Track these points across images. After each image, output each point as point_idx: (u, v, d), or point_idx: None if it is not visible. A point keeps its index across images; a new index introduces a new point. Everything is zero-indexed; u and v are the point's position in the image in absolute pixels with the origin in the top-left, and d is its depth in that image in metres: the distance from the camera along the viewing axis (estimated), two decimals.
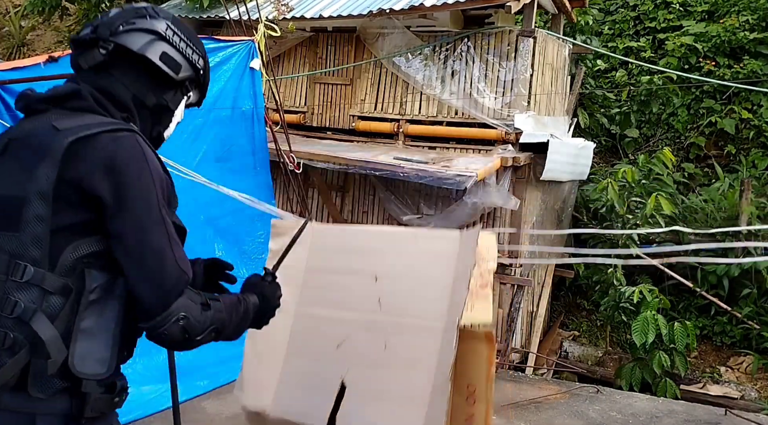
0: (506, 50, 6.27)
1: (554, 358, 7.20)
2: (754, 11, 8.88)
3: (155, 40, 1.56)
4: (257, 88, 4.93)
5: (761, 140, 8.46)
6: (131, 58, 1.54)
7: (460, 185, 5.52)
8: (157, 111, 1.63)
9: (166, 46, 1.58)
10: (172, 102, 1.66)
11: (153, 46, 1.55)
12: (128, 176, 1.39)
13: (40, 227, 1.37)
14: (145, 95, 1.58)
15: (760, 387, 6.73)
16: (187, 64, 1.64)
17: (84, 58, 1.54)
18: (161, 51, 1.56)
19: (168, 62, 1.58)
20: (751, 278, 7.07)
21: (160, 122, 1.66)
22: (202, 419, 4.03)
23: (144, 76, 1.57)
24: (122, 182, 1.38)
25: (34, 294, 1.36)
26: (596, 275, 7.33)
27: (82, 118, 1.44)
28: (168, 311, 1.39)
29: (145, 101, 1.58)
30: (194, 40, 1.67)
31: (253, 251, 5.00)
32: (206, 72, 1.75)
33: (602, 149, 9.07)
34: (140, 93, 1.57)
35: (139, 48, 1.53)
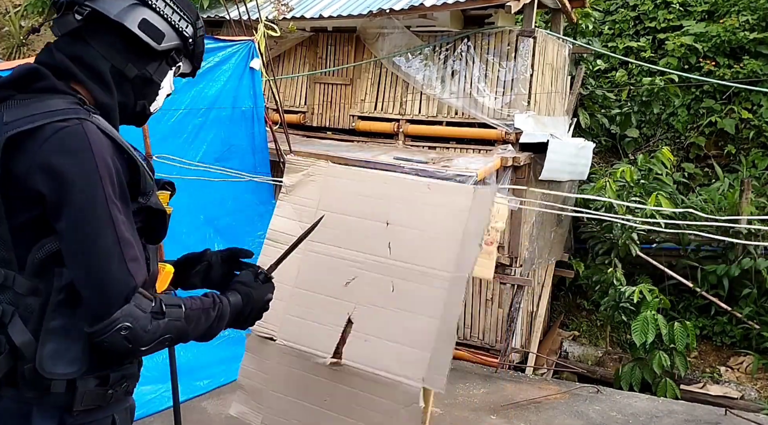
0: (506, 50, 6.27)
1: (554, 358, 7.20)
2: (754, 11, 8.87)
3: (135, 5, 1.41)
4: (257, 88, 4.94)
5: (761, 140, 8.46)
6: (109, 25, 1.40)
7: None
8: (139, 83, 1.48)
9: (148, 12, 1.43)
10: (157, 74, 1.50)
11: (132, 12, 1.40)
12: (68, 171, 1.27)
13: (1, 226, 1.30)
14: (124, 66, 1.44)
15: (760, 387, 6.73)
16: (172, 33, 1.47)
17: (60, 24, 1.40)
18: (141, 18, 1.41)
19: (149, 31, 1.42)
20: (751, 278, 7.07)
21: (143, 95, 1.51)
22: (202, 419, 4.02)
23: (123, 45, 1.43)
24: (62, 178, 1.27)
25: (9, 296, 1.32)
26: (596, 275, 7.33)
27: (36, 105, 1.32)
28: (110, 319, 1.28)
29: (125, 73, 1.45)
30: (183, 4, 1.50)
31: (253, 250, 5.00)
32: (197, 40, 1.56)
33: (602, 149, 9.07)
34: (119, 64, 1.43)
35: (116, 14, 1.39)
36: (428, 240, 2.30)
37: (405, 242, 2.34)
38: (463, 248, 2.22)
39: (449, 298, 2.19)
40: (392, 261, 2.34)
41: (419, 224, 2.34)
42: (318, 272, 2.45)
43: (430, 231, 2.31)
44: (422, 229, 2.33)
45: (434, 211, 2.33)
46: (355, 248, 2.41)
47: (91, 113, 1.35)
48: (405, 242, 2.34)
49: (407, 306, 2.27)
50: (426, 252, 2.30)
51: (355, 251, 2.41)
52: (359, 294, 2.36)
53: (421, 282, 2.27)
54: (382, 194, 2.44)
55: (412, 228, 2.35)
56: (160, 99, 1.56)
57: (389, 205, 2.40)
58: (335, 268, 2.42)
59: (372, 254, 2.38)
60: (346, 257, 2.42)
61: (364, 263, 2.38)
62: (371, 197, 2.45)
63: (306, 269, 2.46)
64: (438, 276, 2.25)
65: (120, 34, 1.41)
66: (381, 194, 2.44)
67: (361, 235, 2.41)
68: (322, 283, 2.44)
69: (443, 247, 2.27)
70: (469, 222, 2.24)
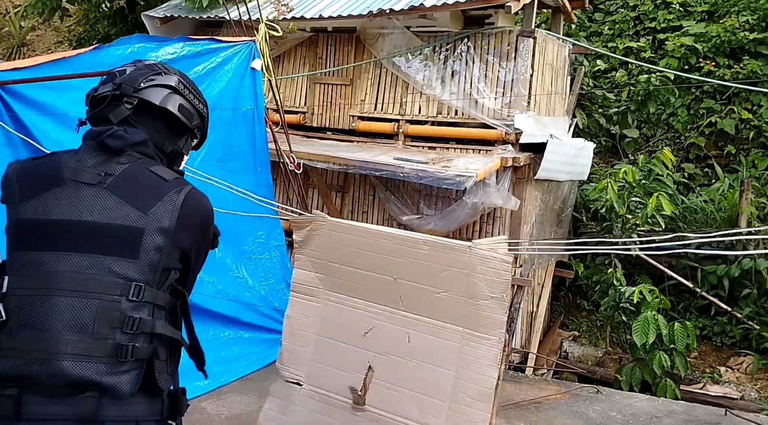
0: (506, 50, 6.27)
1: (554, 358, 7.20)
2: (754, 11, 8.87)
3: (171, 94, 1.77)
4: (258, 89, 4.93)
5: (761, 140, 8.46)
6: (153, 111, 1.74)
7: (460, 185, 5.52)
8: (173, 157, 1.83)
9: (181, 99, 1.79)
10: (185, 148, 1.88)
11: (171, 99, 1.77)
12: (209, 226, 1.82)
13: (158, 256, 1.59)
14: (164, 143, 1.78)
15: (760, 387, 6.74)
16: (196, 113, 1.86)
17: (113, 113, 1.70)
18: (179, 103, 1.78)
19: (184, 113, 1.80)
20: (751, 278, 7.07)
21: (174, 165, 1.85)
22: (202, 419, 4.03)
23: (163, 126, 1.78)
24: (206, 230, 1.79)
25: (148, 310, 1.57)
26: (596, 275, 7.34)
27: (159, 167, 1.70)
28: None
29: (164, 149, 1.79)
30: (197, 90, 1.90)
31: (253, 251, 5.00)
32: (207, 118, 1.96)
33: (602, 150, 9.07)
34: (160, 141, 1.77)
35: (160, 101, 1.74)
36: (434, 296, 2.43)
37: (414, 297, 2.47)
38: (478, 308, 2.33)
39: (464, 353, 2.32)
40: (405, 313, 2.47)
41: (424, 280, 2.46)
42: (338, 321, 2.59)
43: (434, 287, 2.43)
44: (427, 285, 2.45)
45: (434, 268, 2.44)
46: (369, 299, 2.54)
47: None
48: (414, 297, 2.47)
49: (423, 357, 2.40)
50: (434, 307, 2.42)
51: (371, 303, 2.54)
52: (378, 344, 2.49)
53: (435, 335, 2.40)
54: (382, 249, 2.55)
55: (418, 283, 2.47)
56: (182, 166, 1.92)
57: (391, 260, 2.52)
58: (354, 318, 2.56)
59: (386, 306, 2.51)
60: (362, 308, 2.55)
61: (379, 314, 2.51)
62: (373, 252, 2.56)
63: (328, 317, 2.60)
64: (449, 330, 2.37)
65: (163, 117, 1.77)
66: (381, 248, 2.55)
67: (373, 287, 2.53)
68: (343, 332, 2.58)
69: (450, 303, 2.39)
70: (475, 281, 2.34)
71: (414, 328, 2.42)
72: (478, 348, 2.29)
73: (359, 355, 2.50)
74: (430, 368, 2.36)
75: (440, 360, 2.34)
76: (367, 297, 2.53)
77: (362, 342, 2.50)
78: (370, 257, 2.54)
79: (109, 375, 1.48)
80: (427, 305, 2.42)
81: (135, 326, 1.52)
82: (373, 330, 2.49)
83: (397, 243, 2.52)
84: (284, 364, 2.71)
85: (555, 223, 7.45)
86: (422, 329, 2.41)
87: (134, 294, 1.54)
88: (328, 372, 2.56)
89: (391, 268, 2.49)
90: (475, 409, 2.24)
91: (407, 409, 2.35)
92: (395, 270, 2.48)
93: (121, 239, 1.56)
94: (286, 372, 2.68)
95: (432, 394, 2.32)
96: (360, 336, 2.51)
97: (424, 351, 2.38)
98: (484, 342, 2.28)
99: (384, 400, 2.40)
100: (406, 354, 2.42)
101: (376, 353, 2.46)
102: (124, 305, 1.52)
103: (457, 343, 2.32)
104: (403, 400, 2.37)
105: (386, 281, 2.49)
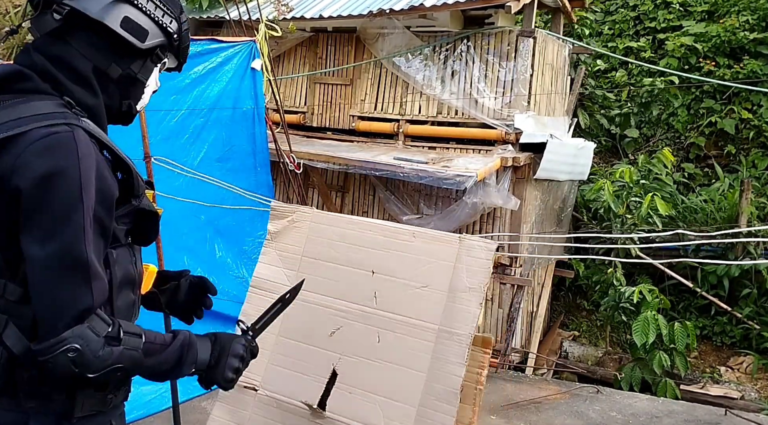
0: (506, 50, 6.27)
1: (554, 358, 7.20)
2: (754, 11, 8.88)
3: (117, 2, 1.35)
4: (258, 89, 4.93)
5: (761, 140, 8.47)
6: (90, 24, 1.33)
7: (460, 185, 5.52)
8: (124, 83, 1.42)
9: (130, 10, 1.36)
10: (142, 72, 1.44)
11: (114, 9, 1.34)
12: (51, 177, 1.21)
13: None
14: (108, 66, 1.38)
15: (760, 387, 6.74)
16: (156, 29, 1.41)
17: (38, 23, 1.34)
18: (123, 16, 1.35)
19: (131, 29, 1.36)
20: (751, 278, 7.07)
21: (128, 95, 1.45)
22: (202, 419, 4.02)
23: (105, 44, 1.36)
24: (44, 184, 1.21)
25: (1, 305, 1.26)
26: (596, 275, 7.34)
27: (22, 107, 1.26)
28: (58, 338, 1.19)
29: (108, 73, 1.38)
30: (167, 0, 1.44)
31: (253, 251, 5.00)
32: (182, 35, 1.48)
33: (602, 150, 9.08)
34: (102, 64, 1.37)
35: (96, 13, 1.32)
36: (414, 291, 2.26)
37: (390, 292, 2.29)
38: (455, 302, 2.18)
39: (438, 351, 2.16)
40: (378, 311, 2.29)
41: (405, 273, 2.29)
42: (303, 321, 2.39)
43: (415, 281, 2.26)
44: (408, 279, 2.28)
45: (420, 260, 2.29)
46: (340, 297, 2.36)
47: (79, 116, 1.30)
48: (390, 292, 2.29)
49: (393, 359, 2.22)
50: (411, 303, 2.25)
51: (341, 301, 2.35)
52: (344, 345, 2.30)
53: (407, 334, 2.22)
54: (366, 241, 2.39)
55: (397, 278, 2.30)
56: (146, 97, 1.51)
57: (374, 253, 2.35)
58: (320, 317, 2.36)
59: (357, 304, 2.33)
60: (331, 307, 2.37)
61: (349, 313, 2.33)
62: (356, 245, 2.39)
63: (291, 317, 2.33)
64: (424, 328, 2.20)
65: (102, 33, 1.35)
66: (366, 240, 2.39)
67: (347, 284, 2.36)
68: (307, 332, 2.38)
69: (429, 298, 2.22)
70: (459, 273, 2.20)
71: (386, 327, 2.26)
72: (450, 346, 2.14)
73: (323, 357, 2.31)
74: (399, 370, 2.20)
75: (411, 362, 2.18)
76: (338, 295, 2.37)
77: (327, 343, 2.33)
78: (351, 250, 2.39)
79: None
80: (404, 301, 2.26)
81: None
82: (340, 329, 2.32)
83: (384, 235, 2.38)
84: None
85: (555, 223, 7.45)
86: (395, 327, 2.25)
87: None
88: (288, 375, 2.37)
89: (371, 261, 2.34)
90: (440, 412, 2.09)
91: (372, 416, 2.19)
92: (375, 264, 2.33)
93: None
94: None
95: (399, 399, 2.17)
96: (326, 336, 2.33)
97: (395, 352, 2.22)
98: (455, 338, 2.14)
99: (347, 406, 2.23)
100: (374, 355, 2.25)
101: (342, 354, 2.29)
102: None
103: (430, 342, 2.17)
104: (367, 406, 2.21)
105: (362, 275, 2.34)
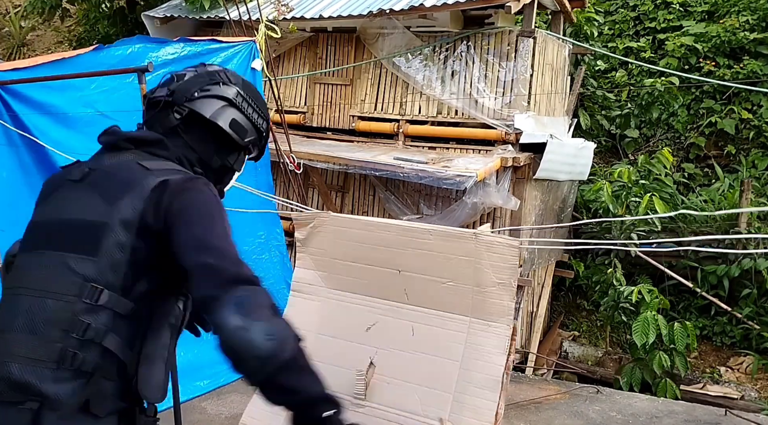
0: (506, 50, 6.27)
1: (554, 358, 7.20)
2: (754, 11, 8.87)
3: (226, 107, 1.62)
4: (258, 89, 4.93)
5: (761, 140, 8.46)
6: (203, 123, 1.60)
7: (460, 185, 5.52)
8: (220, 172, 1.68)
9: (236, 113, 1.63)
10: (236, 164, 1.71)
11: (224, 112, 1.61)
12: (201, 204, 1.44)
13: (120, 254, 1.40)
14: (211, 158, 1.64)
15: (760, 387, 6.74)
16: (252, 129, 1.68)
17: (161, 121, 1.59)
18: (231, 118, 1.62)
19: (236, 129, 1.63)
20: (751, 278, 7.07)
21: (222, 181, 1.71)
22: (202, 419, 4.03)
23: (212, 140, 1.63)
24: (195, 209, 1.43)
25: (105, 317, 1.38)
26: (596, 275, 7.33)
27: (165, 163, 1.51)
28: (254, 282, 1.42)
29: (210, 163, 1.64)
30: (260, 103, 1.72)
31: (253, 251, 5.00)
32: (268, 132, 1.77)
33: (602, 150, 9.08)
34: (206, 156, 1.63)
35: (211, 115, 1.59)
36: (441, 286, 2.39)
37: (420, 288, 2.42)
38: (485, 296, 2.30)
39: (471, 342, 2.28)
40: (410, 306, 2.43)
41: (430, 270, 2.42)
42: (339, 318, 2.54)
43: (441, 277, 2.39)
44: (433, 275, 2.41)
45: (441, 257, 2.40)
46: (372, 295, 2.50)
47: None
48: (420, 288, 2.42)
49: (427, 349, 2.36)
50: (441, 298, 2.38)
51: (374, 298, 2.50)
52: (380, 339, 2.45)
53: (440, 326, 2.36)
54: (387, 241, 2.51)
55: (423, 275, 2.43)
56: (232, 182, 1.77)
57: (397, 252, 2.47)
58: (355, 314, 2.51)
59: (390, 300, 2.47)
60: (364, 304, 2.51)
61: (383, 309, 2.47)
62: (378, 245, 2.52)
63: (326, 316, 2.55)
64: (456, 320, 2.33)
65: (212, 131, 1.61)
66: (386, 240, 2.51)
67: (376, 282, 2.49)
68: (344, 329, 2.52)
69: (456, 292, 2.35)
70: (482, 268, 2.32)
71: (419, 321, 2.39)
72: (486, 337, 2.25)
73: (360, 351, 2.45)
74: (434, 359, 2.33)
75: (445, 351, 2.31)
76: (370, 293, 2.50)
77: (364, 338, 2.46)
78: (374, 251, 2.50)
79: (51, 383, 1.33)
80: (433, 296, 2.38)
81: (83, 331, 1.35)
82: (375, 325, 2.46)
83: (401, 235, 2.48)
84: None
85: (555, 223, 7.45)
86: (427, 321, 2.37)
87: (89, 296, 1.36)
88: (327, 369, 2.50)
89: (395, 260, 2.46)
90: (482, 398, 2.20)
91: (410, 403, 2.31)
92: (400, 262, 2.45)
93: (83, 235, 1.42)
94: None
95: (436, 386, 2.28)
96: (362, 332, 2.47)
97: (429, 343, 2.35)
98: (492, 329, 2.25)
99: (386, 395, 2.36)
100: (409, 347, 2.38)
101: (378, 348, 2.43)
102: (77, 307, 1.36)
103: (463, 333, 2.29)
104: (405, 394, 2.33)
105: (391, 274, 2.46)
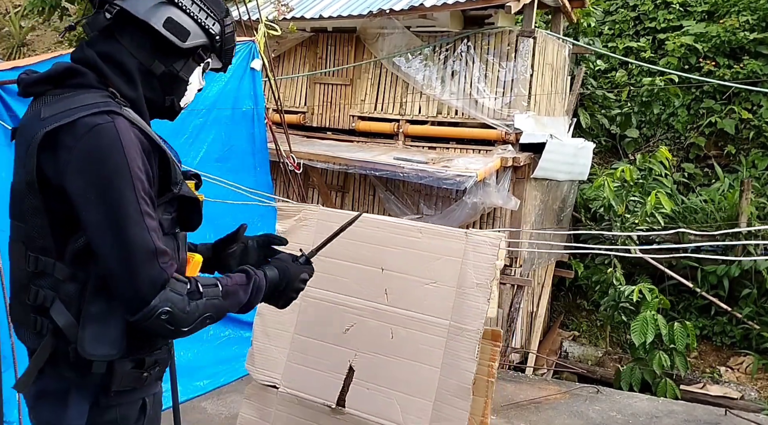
0: (506, 50, 6.27)
1: (554, 358, 7.21)
2: (754, 11, 8.88)
3: (162, 4, 1.44)
4: (257, 89, 4.93)
5: (761, 140, 8.47)
6: (136, 23, 1.43)
7: (460, 185, 5.52)
8: (167, 80, 1.51)
9: (175, 11, 1.46)
10: (184, 71, 1.53)
11: (158, 10, 1.44)
12: (98, 171, 1.31)
13: (38, 217, 1.37)
14: (151, 64, 1.47)
15: (760, 387, 6.74)
16: (198, 30, 1.49)
17: (92, 22, 1.45)
18: (166, 17, 1.44)
19: (174, 29, 1.45)
20: (751, 278, 7.07)
21: (171, 91, 1.55)
22: (202, 419, 4.03)
23: (149, 43, 1.46)
24: (94, 177, 1.31)
25: (49, 282, 1.39)
26: (596, 275, 7.33)
27: (71, 99, 1.37)
28: (149, 307, 1.33)
29: (151, 70, 1.48)
30: (211, 2, 1.53)
31: None
32: (226, 37, 1.57)
33: (602, 150, 9.08)
34: (146, 61, 1.47)
35: (143, 13, 1.42)
36: (423, 287, 2.28)
37: (401, 289, 2.32)
38: (464, 298, 2.20)
39: (450, 347, 2.19)
40: (390, 308, 2.32)
41: (413, 270, 2.31)
42: (317, 319, 2.43)
43: (424, 278, 2.29)
44: (417, 275, 2.30)
45: (427, 256, 2.30)
46: (352, 294, 2.39)
47: (122, 105, 1.40)
48: (401, 289, 2.32)
49: (407, 354, 2.26)
50: (422, 299, 2.27)
51: (353, 298, 2.39)
52: (359, 341, 2.35)
53: (419, 330, 2.25)
54: (374, 238, 2.40)
55: (406, 274, 2.32)
56: (190, 94, 1.60)
57: (382, 250, 2.37)
58: (334, 314, 2.40)
59: (369, 301, 2.36)
60: (343, 304, 2.40)
61: (362, 309, 2.36)
62: (364, 242, 2.40)
63: (305, 315, 2.45)
64: (435, 324, 2.23)
65: (147, 32, 1.45)
66: (374, 237, 2.40)
67: (358, 280, 2.39)
68: (322, 330, 2.42)
69: (438, 294, 2.25)
70: (466, 269, 2.22)
71: (398, 323, 2.29)
72: (460, 342, 2.17)
73: (339, 354, 2.36)
74: (414, 365, 2.24)
75: (425, 357, 2.22)
76: (350, 292, 2.40)
77: (342, 340, 2.37)
78: (359, 248, 2.41)
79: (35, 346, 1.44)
80: (414, 297, 2.28)
81: (34, 298, 1.40)
82: (354, 326, 2.36)
83: (390, 231, 2.39)
84: (257, 366, 2.54)
85: (555, 223, 7.45)
86: (407, 324, 2.28)
87: (30, 264, 1.40)
88: (306, 372, 2.42)
89: (380, 258, 2.36)
90: (453, 407, 2.13)
91: (390, 410, 2.23)
92: (384, 260, 2.35)
93: (14, 201, 1.44)
94: (260, 374, 2.52)
95: (416, 394, 2.21)
96: (340, 333, 2.37)
97: (409, 348, 2.25)
98: (465, 333, 2.17)
99: (365, 401, 2.28)
100: (389, 351, 2.29)
101: (357, 351, 2.33)
102: (26, 273, 1.42)
103: (442, 338, 2.20)
104: (385, 401, 2.25)
105: (373, 272, 2.37)
